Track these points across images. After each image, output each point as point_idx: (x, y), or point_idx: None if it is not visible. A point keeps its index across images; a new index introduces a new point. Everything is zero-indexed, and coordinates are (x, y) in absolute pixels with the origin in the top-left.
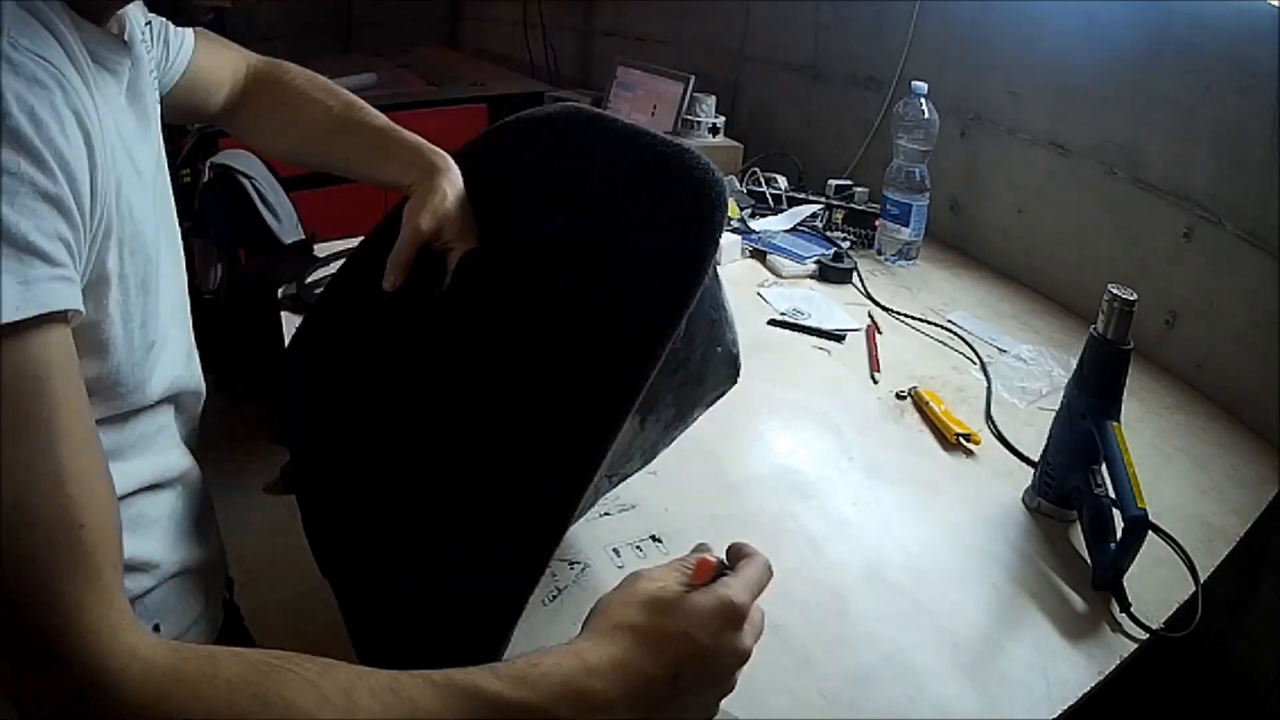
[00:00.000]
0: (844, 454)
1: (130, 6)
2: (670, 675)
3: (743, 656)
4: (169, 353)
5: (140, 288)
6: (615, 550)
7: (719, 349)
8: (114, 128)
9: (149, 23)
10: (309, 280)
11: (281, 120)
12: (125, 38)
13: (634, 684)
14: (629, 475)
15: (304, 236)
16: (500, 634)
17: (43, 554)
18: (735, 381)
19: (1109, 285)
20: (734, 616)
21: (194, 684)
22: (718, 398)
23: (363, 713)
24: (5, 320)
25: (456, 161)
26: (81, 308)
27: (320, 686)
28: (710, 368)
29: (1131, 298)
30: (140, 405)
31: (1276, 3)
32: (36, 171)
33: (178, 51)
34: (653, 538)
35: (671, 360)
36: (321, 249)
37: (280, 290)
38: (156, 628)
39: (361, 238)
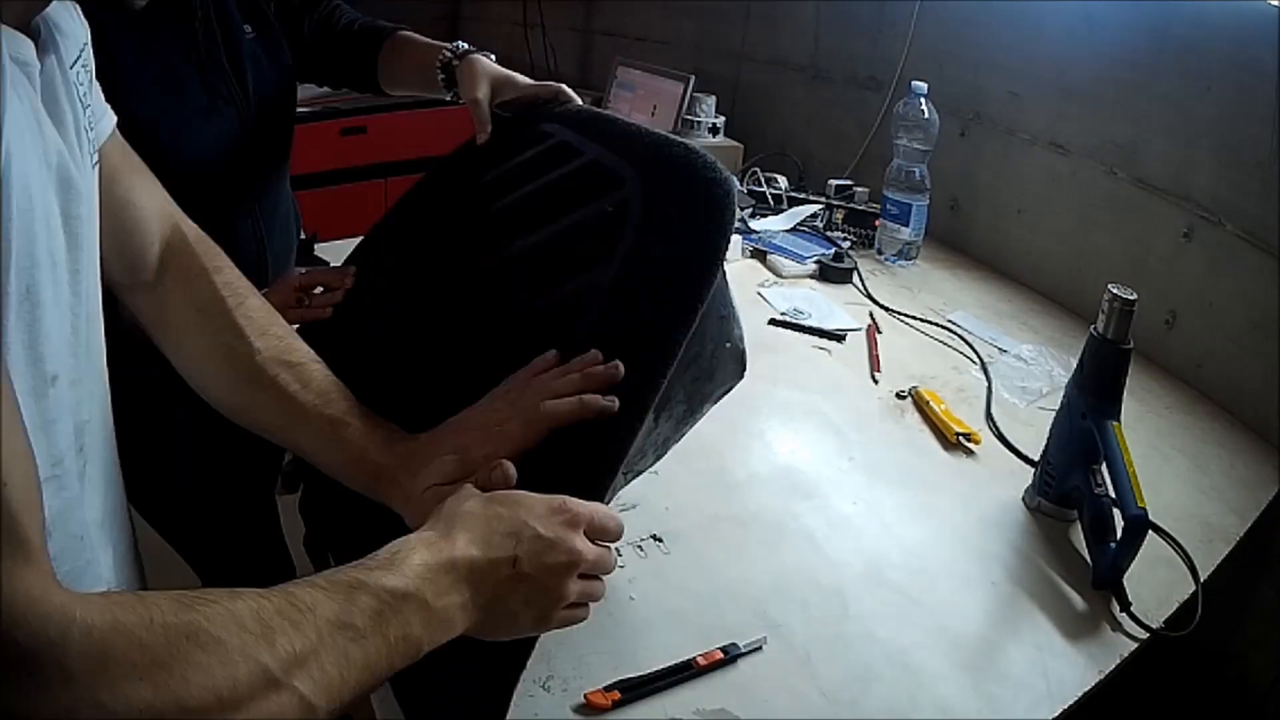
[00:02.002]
0: (844, 454)
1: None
2: (510, 559)
3: (576, 557)
4: (77, 395)
5: (26, 295)
6: (616, 550)
7: (727, 345)
8: (20, 119)
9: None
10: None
11: (210, 344)
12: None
13: (480, 566)
14: (641, 471)
15: (304, 236)
16: (524, 643)
17: None
18: (742, 377)
19: (1109, 285)
20: (569, 516)
21: (134, 633)
22: (725, 393)
23: (277, 632)
24: None
25: (454, 162)
26: None
27: (237, 616)
28: (719, 363)
29: (1131, 298)
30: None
31: (1276, 3)
32: None
33: (100, 116)
34: (653, 537)
35: (685, 357)
36: (321, 249)
37: None
38: None
39: (361, 237)
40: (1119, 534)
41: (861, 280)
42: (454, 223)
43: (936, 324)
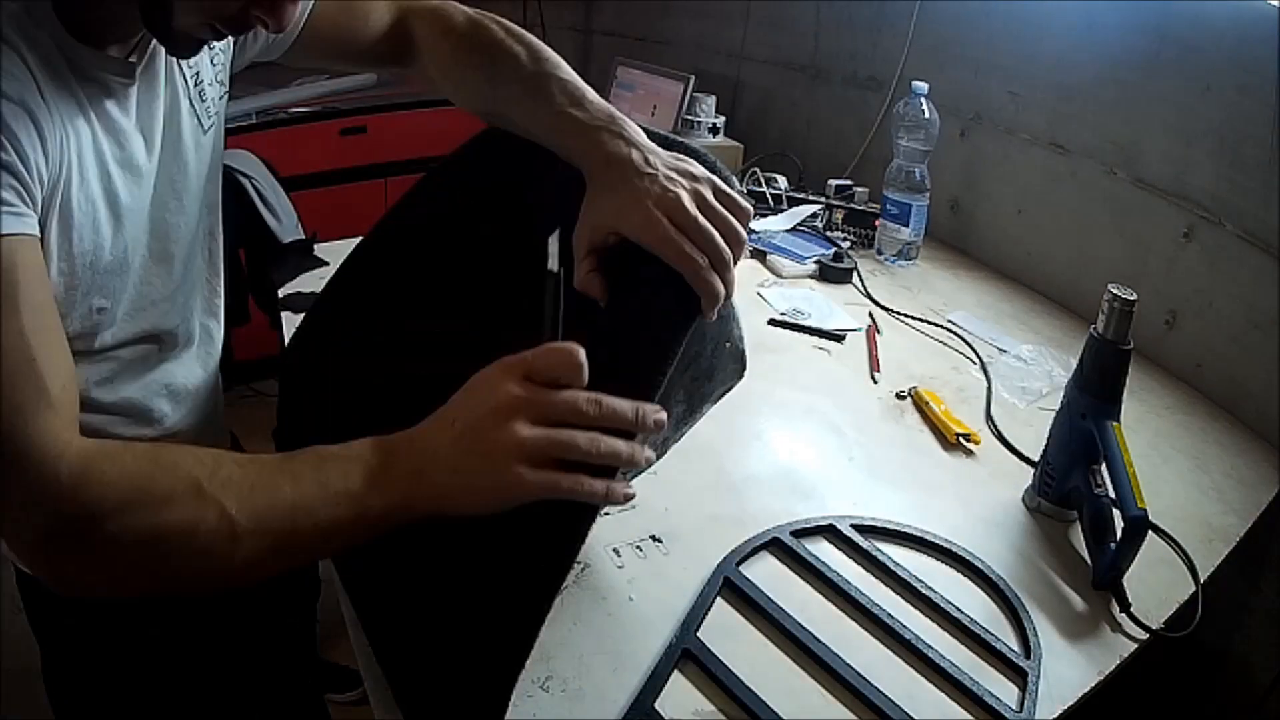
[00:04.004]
0: (844, 454)
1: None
2: (449, 420)
3: (506, 399)
4: (137, 318)
5: (89, 266)
6: (615, 550)
7: (727, 345)
8: (88, 131)
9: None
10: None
11: (474, 73)
12: (141, 62)
13: (422, 433)
14: (641, 471)
15: (304, 236)
16: (528, 630)
17: (6, 383)
18: (742, 376)
19: (1109, 285)
20: (506, 364)
21: (113, 453)
22: (725, 393)
23: (225, 470)
24: None
25: (455, 162)
26: (31, 232)
27: (196, 453)
28: (719, 363)
29: (1131, 298)
30: (105, 346)
31: (1276, 3)
32: None
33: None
34: (653, 538)
35: (684, 356)
36: (321, 249)
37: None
38: None
39: (361, 237)
40: (1119, 534)
41: (861, 280)
42: (459, 223)
43: (936, 324)
